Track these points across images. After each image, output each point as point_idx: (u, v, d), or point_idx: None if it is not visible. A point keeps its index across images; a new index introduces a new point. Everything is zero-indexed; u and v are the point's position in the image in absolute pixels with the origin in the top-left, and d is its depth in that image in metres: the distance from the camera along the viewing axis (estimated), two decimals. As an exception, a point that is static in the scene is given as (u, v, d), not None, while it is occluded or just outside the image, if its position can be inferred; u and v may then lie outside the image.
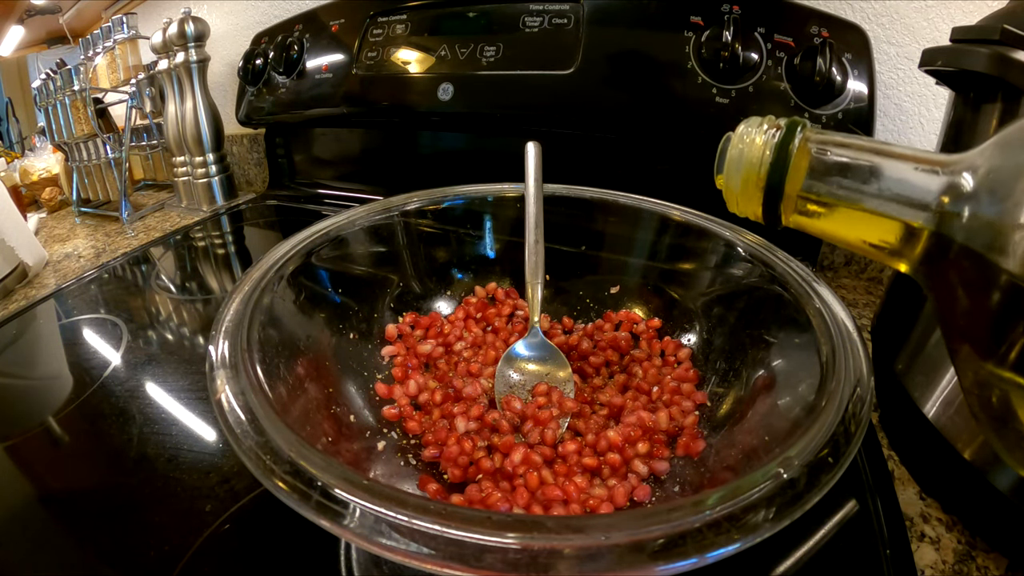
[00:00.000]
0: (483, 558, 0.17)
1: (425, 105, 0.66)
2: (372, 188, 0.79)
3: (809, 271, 0.33)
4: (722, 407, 0.33)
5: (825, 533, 0.29)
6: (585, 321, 0.44)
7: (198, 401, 0.41)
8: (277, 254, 0.35)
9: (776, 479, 0.20)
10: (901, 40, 0.53)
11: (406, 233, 0.44)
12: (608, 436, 0.31)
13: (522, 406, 0.34)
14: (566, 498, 0.28)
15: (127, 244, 0.76)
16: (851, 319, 0.29)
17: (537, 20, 0.61)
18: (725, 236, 0.38)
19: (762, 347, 0.33)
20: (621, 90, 0.56)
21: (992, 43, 0.27)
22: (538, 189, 0.42)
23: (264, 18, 0.88)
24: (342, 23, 0.73)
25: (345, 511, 0.19)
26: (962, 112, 0.32)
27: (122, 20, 0.88)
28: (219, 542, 0.30)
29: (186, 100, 0.82)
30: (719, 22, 0.51)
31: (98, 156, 0.87)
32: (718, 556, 0.17)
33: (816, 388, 0.25)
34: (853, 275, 0.58)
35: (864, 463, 0.33)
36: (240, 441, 0.22)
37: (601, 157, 0.62)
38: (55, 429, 0.40)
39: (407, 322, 0.42)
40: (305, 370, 0.32)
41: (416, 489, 0.29)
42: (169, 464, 0.35)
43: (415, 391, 0.36)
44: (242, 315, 0.29)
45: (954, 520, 0.31)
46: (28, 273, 0.68)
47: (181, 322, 0.54)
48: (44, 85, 0.89)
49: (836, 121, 0.49)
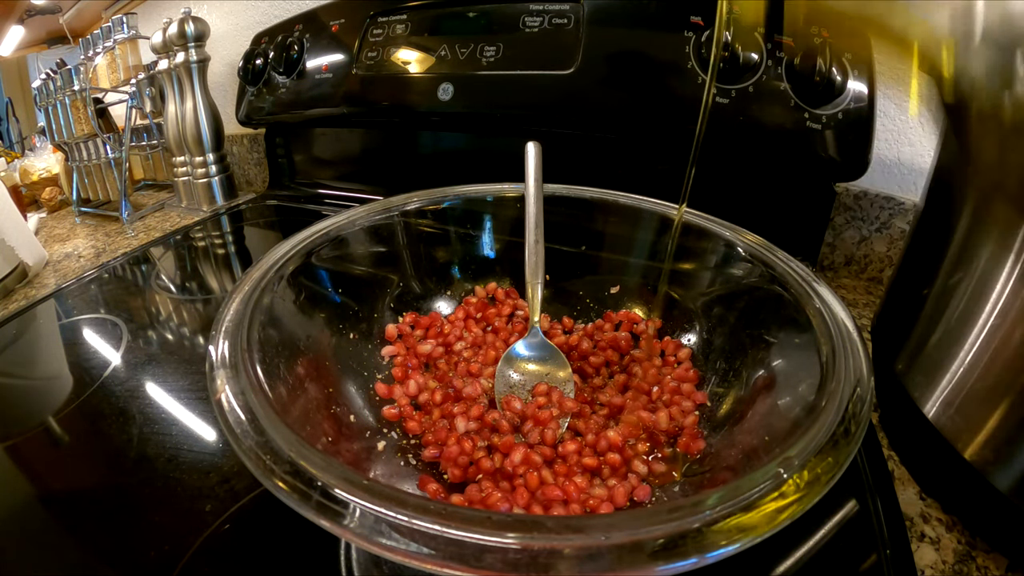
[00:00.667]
0: (483, 558, 0.17)
1: (425, 105, 0.66)
2: (372, 188, 0.79)
3: (809, 271, 0.33)
4: (722, 407, 0.33)
5: (825, 533, 0.29)
6: (585, 321, 0.44)
7: (198, 401, 0.41)
8: (277, 254, 0.35)
9: (776, 479, 0.20)
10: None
11: (406, 233, 0.44)
12: (608, 436, 0.31)
13: (522, 406, 0.34)
14: (566, 498, 0.28)
15: (127, 244, 0.76)
16: (851, 319, 0.29)
17: (537, 20, 0.61)
18: (725, 236, 0.38)
19: (762, 347, 0.33)
20: (621, 90, 0.56)
21: (992, 43, 0.27)
22: (538, 189, 0.42)
23: (264, 18, 0.88)
24: (342, 23, 0.73)
25: (345, 511, 0.19)
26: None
27: (122, 20, 0.88)
28: (219, 542, 0.30)
29: (186, 100, 0.82)
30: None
31: (98, 156, 0.87)
32: (718, 556, 0.17)
33: (816, 388, 0.25)
34: (853, 275, 0.58)
35: (864, 463, 0.33)
36: (240, 441, 0.22)
37: (601, 157, 0.62)
38: (55, 429, 0.40)
39: (407, 322, 0.42)
40: (305, 370, 0.32)
41: (416, 489, 0.29)
42: (169, 464, 0.35)
43: (415, 391, 0.36)
44: (242, 315, 0.29)
45: (954, 520, 0.31)
46: (28, 273, 0.68)
47: (181, 322, 0.54)
48: (44, 85, 0.89)
49: (836, 121, 0.49)
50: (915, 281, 0.35)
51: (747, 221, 0.39)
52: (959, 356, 0.29)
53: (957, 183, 0.32)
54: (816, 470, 0.20)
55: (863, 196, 0.55)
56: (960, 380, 0.29)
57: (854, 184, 0.56)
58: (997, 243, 0.28)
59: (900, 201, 0.54)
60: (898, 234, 0.54)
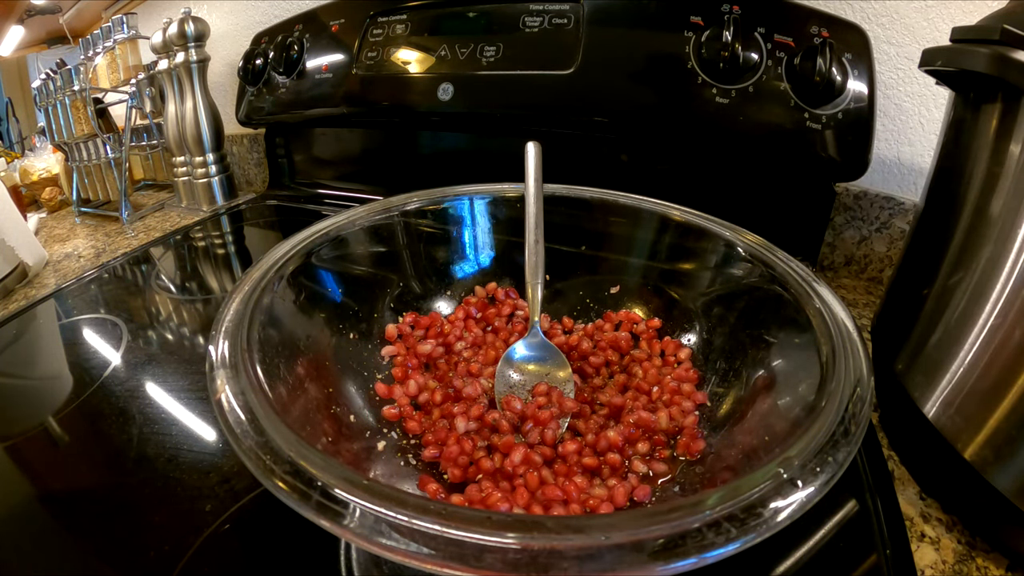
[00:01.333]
0: (483, 558, 0.17)
1: (425, 105, 0.66)
2: (372, 188, 0.79)
3: (809, 271, 0.33)
4: (722, 407, 0.33)
5: (825, 533, 0.29)
6: (585, 321, 0.44)
7: (198, 401, 0.41)
8: (277, 254, 0.35)
9: (776, 479, 0.20)
10: (901, 40, 0.53)
11: (406, 233, 0.44)
12: (608, 436, 0.31)
13: (522, 406, 0.34)
14: (566, 498, 0.28)
15: (127, 244, 0.76)
16: (851, 319, 0.29)
17: (537, 20, 0.61)
18: (725, 236, 0.38)
19: (762, 347, 0.33)
20: (621, 90, 0.56)
21: (992, 43, 0.27)
22: (538, 189, 0.42)
23: (264, 18, 0.88)
24: (342, 23, 0.73)
25: (345, 511, 0.19)
26: (962, 112, 0.32)
27: (122, 20, 0.88)
28: (219, 542, 0.30)
29: (186, 100, 0.82)
30: (719, 22, 0.51)
31: (98, 156, 0.87)
32: (718, 556, 0.17)
33: (816, 388, 0.25)
34: (853, 275, 0.58)
35: (864, 463, 0.33)
36: (240, 441, 0.22)
37: (601, 157, 0.62)
38: (55, 429, 0.40)
39: (407, 322, 0.42)
40: (305, 370, 0.32)
41: (416, 489, 0.29)
42: (169, 464, 0.35)
43: (415, 391, 0.36)
44: (242, 315, 0.29)
45: (954, 520, 0.31)
46: (28, 273, 0.68)
47: (181, 322, 0.54)
48: (44, 85, 0.89)
49: (836, 121, 0.49)
50: (915, 281, 0.35)
51: (747, 221, 0.39)
52: (959, 356, 0.29)
53: (957, 183, 0.32)
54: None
55: (863, 196, 0.55)
56: (960, 380, 0.29)
57: (854, 184, 0.56)
58: (997, 243, 0.28)
59: (900, 201, 0.54)
60: (898, 234, 0.55)
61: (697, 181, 0.59)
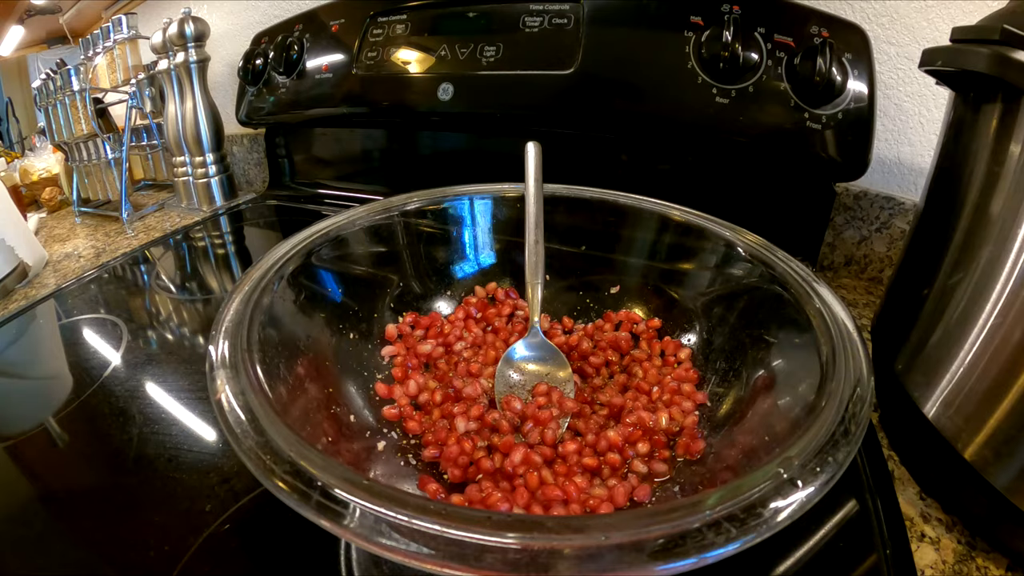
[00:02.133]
0: (483, 558, 0.17)
1: (425, 105, 0.66)
2: (372, 188, 0.79)
3: (809, 271, 0.33)
4: (722, 407, 0.33)
5: (825, 533, 0.29)
6: (585, 321, 0.44)
7: (198, 401, 0.41)
8: (277, 254, 0.35)
9: (776, 479, 0.20)
10: (901, 40, 0.53)
11: (406, 233, 0.44)
12: (608, 436, 0.31)
13: (522, 406, 0.34)
14: (566, 498, 0.28)
15: (127, 244, 0.76)
16: (851, 319, 0.29)
17: (537, 20, 0.61)
18: (725, 236, 0.38)
19: (762, 347, 0.33)
20: (621, 90, 0.56)
21: (992, 43, 0.27)
22: (538, 189, 0.42)
23: (264, 18, 0.88)
24: (342, 23, 0.73)
25: (345, 511, 0.19)
26: (962, 112, 0.32)
27: (122, 20, 0.88)
28: (219, 542, 0.30)
29: (186, 100, 0.82)
30: (719, 22, 0.51)
31: (98, 156, 0.87)
32: (718, 556, 0.17)
33: (816, 388, 0.25)
34: (853, 275, 0.58)
35: (864, 463, 0.33)
36: (240, 441, 0.22)
37: (601, 157, 0.62)
38: (55, 429, 0.40)
39: (407, 322, 0.42)
40: (305, 370, 0.32)
41: (416, 489, 0.29)
42: (169, 464, 0.35)
43: (415, 391, 0.36)
44: (242, 315, 0.29)
45: (954, 520, 0.31)
46: (28, 273, 0.68)
47: (181, 322, 0.54)
48: (44, 85, 0.89)
49: (836, 121, 0.49)
50: (915, 281, 0.35)
51: (747, 221, 0.39)
52: (959, 356, 0.29)
53: (957, 183, 0.32)
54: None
55: (863, 196, 0.55)
56: (960, 380, 0.29)
57: (854, 184, 0.56)
58: (997, 243, 0.28)
59: (900, 201, 0.54)
60: (898, 234, 0.55)
61: (697, 181, 0.59)
